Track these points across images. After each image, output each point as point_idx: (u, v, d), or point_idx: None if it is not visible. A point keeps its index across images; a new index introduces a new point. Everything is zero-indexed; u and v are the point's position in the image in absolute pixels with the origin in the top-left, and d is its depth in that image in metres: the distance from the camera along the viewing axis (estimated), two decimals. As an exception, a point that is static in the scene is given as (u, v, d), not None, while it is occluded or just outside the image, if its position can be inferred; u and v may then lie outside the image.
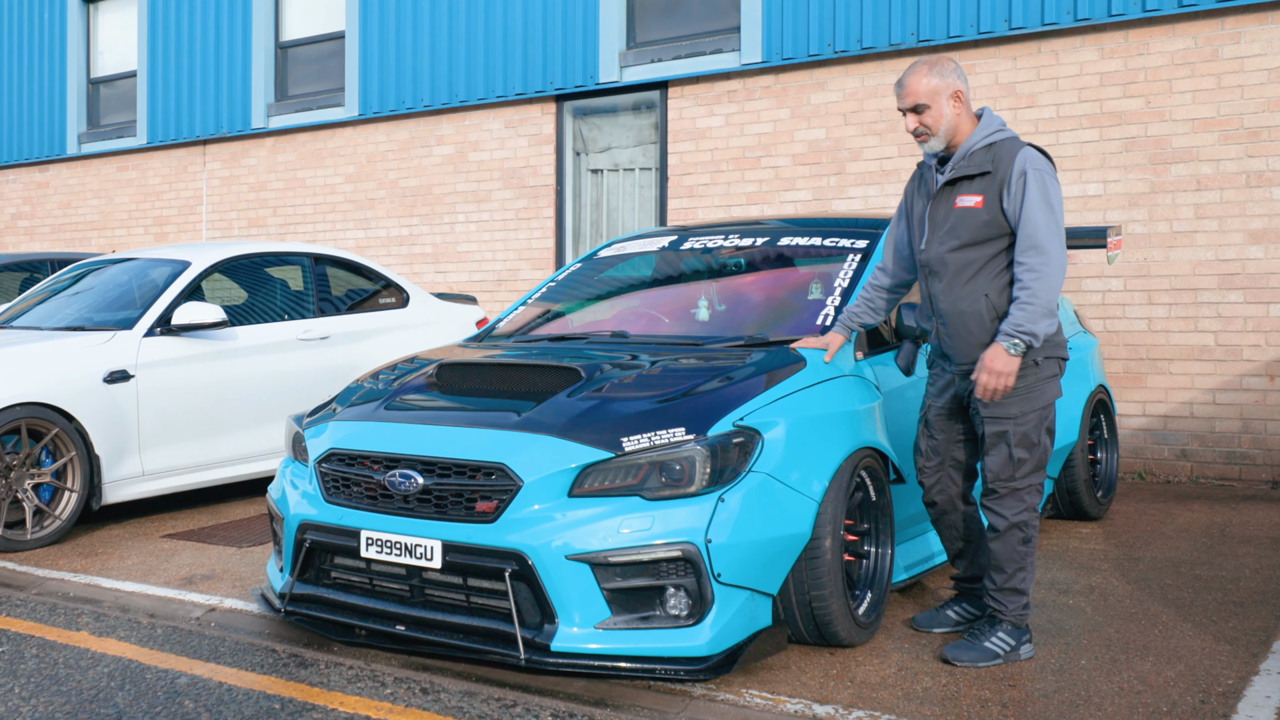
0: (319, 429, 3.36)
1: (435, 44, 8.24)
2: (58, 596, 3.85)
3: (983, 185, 2.97)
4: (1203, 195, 5.87)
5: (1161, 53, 5.95)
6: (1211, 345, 5.87)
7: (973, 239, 2.97)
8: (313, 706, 2.81)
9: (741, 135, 7.13)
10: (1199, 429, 5.89)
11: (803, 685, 2.88)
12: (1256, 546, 4.38)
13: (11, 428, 4.37)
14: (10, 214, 11.18)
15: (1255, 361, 5.78)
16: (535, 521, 2.84)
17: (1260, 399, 5.76)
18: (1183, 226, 5.92)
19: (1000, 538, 3.04)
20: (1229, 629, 3.34)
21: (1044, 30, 6.17)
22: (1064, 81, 6.19)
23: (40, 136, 10.75)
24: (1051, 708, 2.73)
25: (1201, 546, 4.40)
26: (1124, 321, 6.06)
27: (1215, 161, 5.84)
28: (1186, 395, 5.92)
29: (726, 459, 2.90)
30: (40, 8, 10.70)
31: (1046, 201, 2.89)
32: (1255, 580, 3.87)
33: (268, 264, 5.74)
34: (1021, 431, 2.98)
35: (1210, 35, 5.84)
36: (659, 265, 4.30)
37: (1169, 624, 3.38)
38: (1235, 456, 5.82)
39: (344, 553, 3.12)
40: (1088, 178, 6.13)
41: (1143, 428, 6.02)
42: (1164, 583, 3.85)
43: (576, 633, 2.81)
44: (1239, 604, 3.59)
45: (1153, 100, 5.98)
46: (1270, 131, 5.72)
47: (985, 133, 3.00)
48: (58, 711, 2.78)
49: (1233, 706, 2.72)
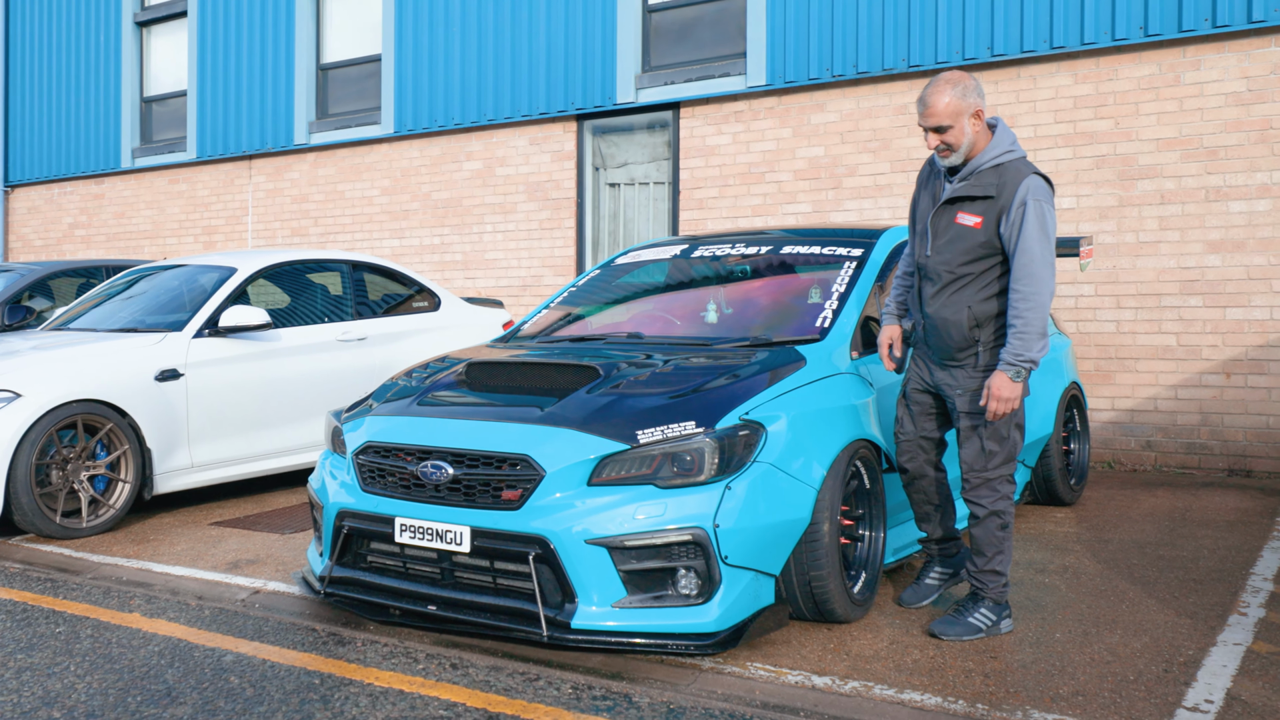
0: (356, 423, 3.33)
1: (465, 66, 8.20)
2: (111, 580, 3.81)
3: (984, 207, 2.89)
4: (1166, 209, 5.83)
5: (1129, 78, 5.91)
6: (1174, 346, 5.83)
7: (968, 256, 2.93)
8: (350, 681, 2.78)
9: (747, 152, 7.09)
10: (1162, 422, 5.85)
11: (802, 658, 2.87)
12: (1214, 529, 4.37)
13: (69, 423, 4.34)
14: (68, 223, 11.17)
15: (1213, 360, 5.74)
16: (557, 508, 2.81)
17: (1217, 395, 5.72)
18: (1148, 237, 5.88)
19: (980, 524, 3.02)
20: (1189, 604, 3.33)
21: (1023, 57, 6.12)
22: (1041, 104, 6.14)
23: (96, 151, 10.74)
24: (1029, 677, 2.71)
25: (1165, 529, 4.38)
26: (1095, 324, 6.02)
27: (1177, 178, 5.80)
28: (1151, 391, 5.89)
29: (733, 450, 2.87)
30: (96, 31, 10.68)
31: (1043, 231, 2.82)
32: (1213, 560, 3.87)
33: (309, 270, 5.71)
34: (993, 427, 2.97)
35: (1173, 62, 5.80)
36: (671, 272, 4.27)
37: (1135, 600, 3.37)
38: (1195, 447, 5.78)
39: (379, 538, 3.09)
40: (1062, 192, 6.08)
41: (1111, 421, 5.98)
42: (1131, 562, 3.84)
43: (595, 611, 2.78)
44: (1198, 581, 3.58)
45: (1121, 121, 5.93)
46: (1227, 150, 5.68)
47: (996, 152, 2.91)
48: (110, 688, 2.75)
49: (1193, 675, 2.72)
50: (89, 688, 2.74)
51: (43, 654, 3.01)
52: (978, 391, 2.99)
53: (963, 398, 3.02)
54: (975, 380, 3.00)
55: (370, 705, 2.61)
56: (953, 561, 3.29)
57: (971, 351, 2.98)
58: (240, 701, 2.64)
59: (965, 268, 2.94)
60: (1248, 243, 5.63)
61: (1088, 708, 2.52)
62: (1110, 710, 2.51)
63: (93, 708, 2.61)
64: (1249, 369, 5.64)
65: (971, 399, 3.00)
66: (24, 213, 11.62)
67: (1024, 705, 2.54)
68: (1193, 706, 2.52)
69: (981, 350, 2.97)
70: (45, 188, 11.40)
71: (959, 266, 2.95)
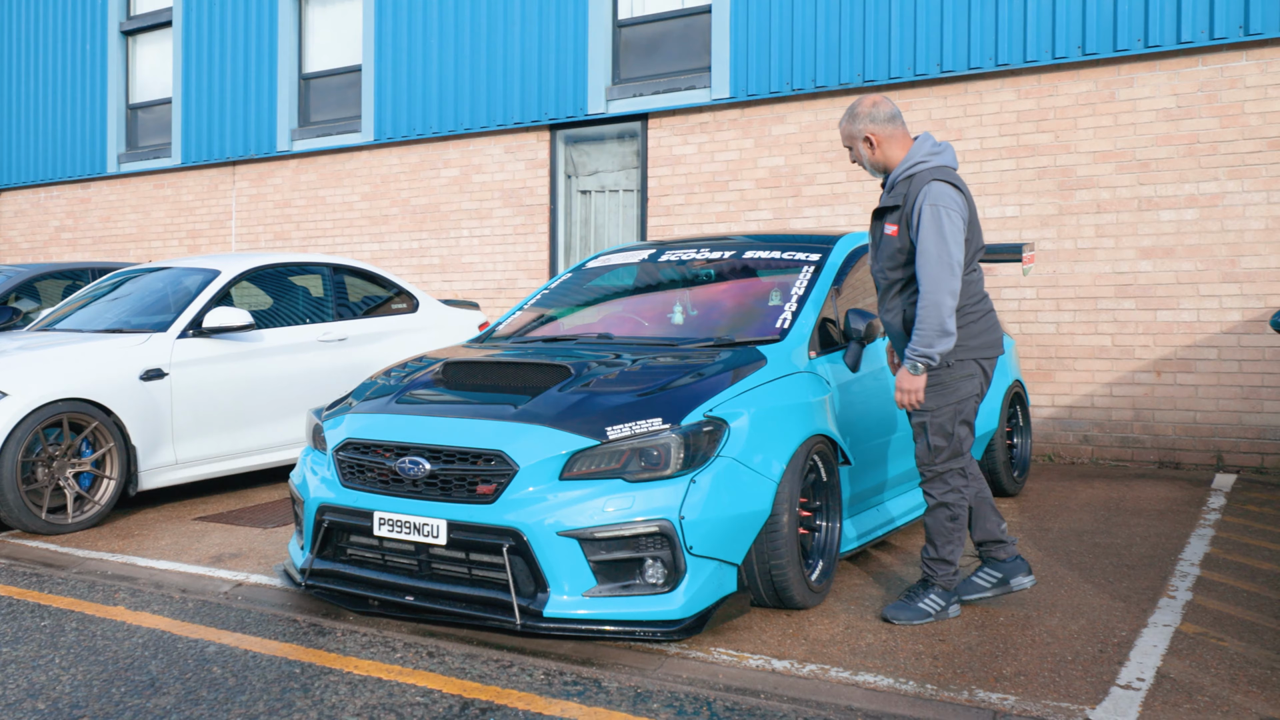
0: (336, 421, 3.29)
1: (443, 78, 8.13)
2: (96, 575, 3.72)
3: (898, 216, 2.99)
4: (1102, 217, 5.93)
5: (1068, 94, 6.00)
6: (1109, 346, 5.93)
7: (893, 263, 3.01)
8: (330, 670, 2.74)
9: (712, 162, 7.10)
10: (1098, 417, 5.95)
11: (763, 643, 2.87)
12: (1146, 517, 4.44)
13: (54, 421, 4.24)
14: (54, 226, 10.89)
15: (1145, 360, 5.85)
16: (530, 502, 2.80)
17: (1149, 391, 5.83)
18: (1085, 244, 5.98)
19: (931, 514, 3.06)
20: (1123, 588, 3.37)
21: (970, 73, 6.19)
22: (986, 118, 6.22)
23: (82, 157, 10.48)
24: (975, 659, 2.74)
25: (1100, 518, 4.44)
26: (1036, 325, 6.11)
27: (1112, 188, 5.90)
28: (1088, 389, 5.99)
29: (698, 445, 2.87)
30: (83, 40, 10.43)
31: (939, 233, 2.83)
32: (1145, 546, 3.92)
33: (291, 273, 5.62)
34: (938, 423, 3.00)
35: (1109, 80, 5.90)
36: (639, 275, 4.26)
37: (1073, 585, 3.41)
38: (1128, 441, 5.89)
39: (359, 532, 3.06)
40: (1006, 201, 6.16)
41: (1051, 417, 6.07)
42: (1069, 549, 3.89)
43: (566, 600, 2.77)
44: (1131, 567, 3.63)
45: (1060, 135, 6.03)
46: (1158, 163, 5.79)
47: (908, 164, 2.98)
48: (95, 679, 2.69)
49: (1125, 654, 2.76)
50: (73, 679, 2.68)
51: (28, 647, 2.93)
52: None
53: None
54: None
55: (349, 693, 2.57)
56: (1003, 565, 3.13)
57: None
58: (222, 691, 2.59)
59: (895, 274, 3.02)
60: (1177, 249, 5.75)
61: (1029, 686, 2.55)
62: (1049, 689, 2.54)
63: (77, 699, 2.54)
64: (1178, 368, 5.76)
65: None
66: (10, 216, 11.31)
67: (970, 685, 2.57)
68: (1125, 684, 2.56)
69: None
70: (32, 191, 11.10)
71: (890, 273, 3.04)
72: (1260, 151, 5.54)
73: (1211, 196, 5.65)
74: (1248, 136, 5.57)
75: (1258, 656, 2.73)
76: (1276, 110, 5.51)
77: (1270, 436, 5.54)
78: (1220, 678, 2.59)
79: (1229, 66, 5.60)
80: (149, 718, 2.43)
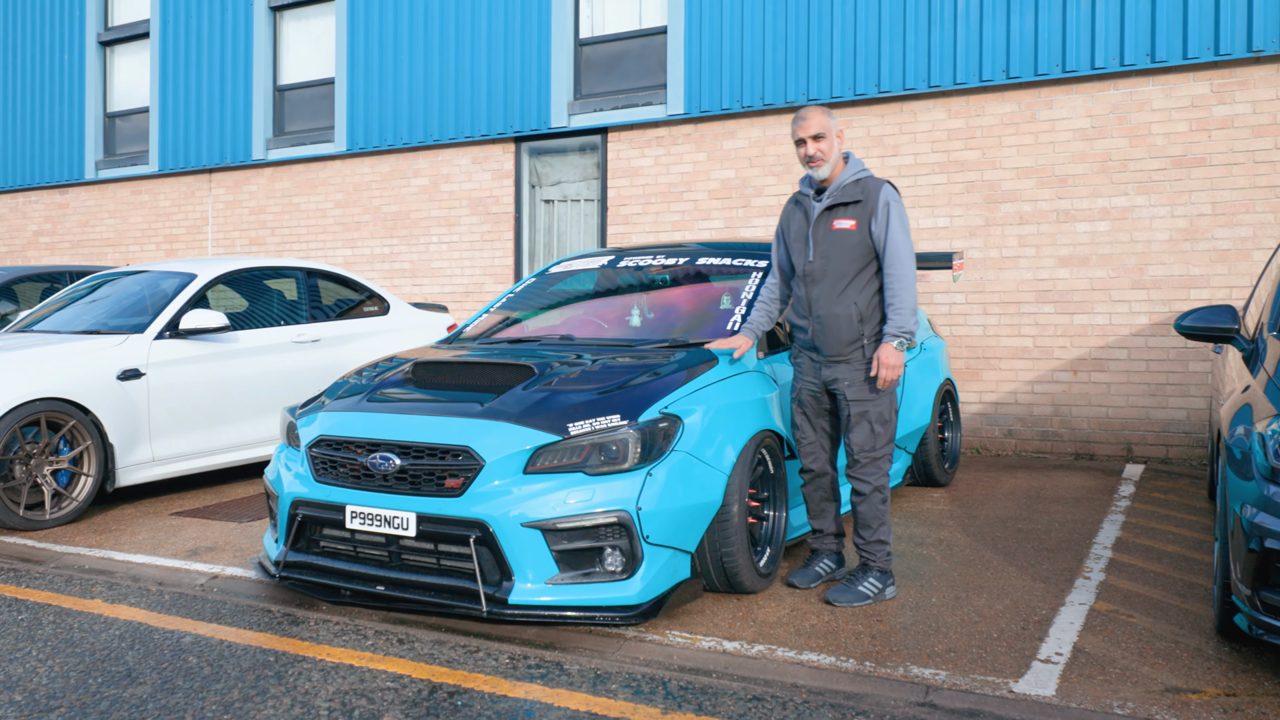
0: (310, 419, 3.22)
1: (413, 91, 8.01)
2: (74, 569, 3.59)
3: (855, 212, 3.04)
4: (1024, 228, 6.06)
5: (994, 114, 6.12)
6: (1030, 347, 6.06)
7: (846, 256, 3.04)
8: (303, 658, 2.68)
9: (667, 174, 7.11)
10: (1021, 413, 6.08)
11: (715, 626, 2.88)
12: (1064, 505, 4.53)
13: (31, 420, 4.08)
14: (33, 230, 10.47)
15: (1062, 360, 5.98)
16: (495, 495, 2.77)
17: (1066, 389, 5.97)
18: (1009, 253, 6.10)
19: (866, 500, 3.09)
20: (1043, 570, 3.43)
21: (905, 94, 6.29)
22: (920, 135, 6.31)
23: (61, 163, 10.10)
24: (909, 637, 2.78)
25: (1023, 506, 4.52)
26: (965, 328, 6.22)
27: (1034, 202, 6.03)
28: (1012, 387, 6.11)
29: (654, 440, 2.87)
30: (60, 50, 10.04)
31: (903, 226, 3.03)
32: (1063, 531, 4.00)
33: (266, 276, 5.48)
34: (878, 410, 3.06)
35: (1030, 101, 6.03)
36: (599, 280, 4.24)
37: (999, 568, 3.47)
38: (1048, 435, 6.02)
39: (331, 525, 3.00)
40: (938, 213, 6.27)
41: (979, 412, 6.19)
42: (995, 535, 3.95)
43: (530, 588, 2.75)
44: (1050, 550, 3.69)
45: (987, 152, 6.15)
46: (1074, 179, 5.93)
47: (854, 171, 3.11)
48: (72, 670, 2.60)
49: (1045, 631, 2.81)
50: (50, 671, 2.58)
51: (4, 640, 2.81)
52: (865, 381, 3.06)
53: (852, 388, 3.08)
54: (861, 372, 3.08)
55: (322, 679, 2.52)
56: (840, 557, 3.31)
57: (857, 345, 3.06)
58: (198, 680, 2.52)
59: (849, 268, 3.05)
60: (1091, 258, 5.90)
61: (958, 662, 2.60)
62: (977, 664, 2.59)
63: (54, 690, 2.45)
64: (1092, 367, 5.91)
65: (859, 388, 3.07)
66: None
67: (905, 662, 2.61)
68: (1045, 658, 2.61)
69: (866, 344, 3.07)
70: (10, 197, 10.66)
71: (844, 266, 3.06)
72: (1165, 169, 5.71)
73: (1122, 210, 5.81)
74: (1154, 155, 5.73)
75: (1163, 631, 2.80)
76: (1179, 132, 5.68)
77: (1174, 430, 5.72)
78: (1130, 651, 2.65)
79: (1137, 91, 5.76)
80: (126, 707, 2.35)
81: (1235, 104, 5.52)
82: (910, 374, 4.53)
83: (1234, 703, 2.33)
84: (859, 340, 3.05)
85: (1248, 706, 2.31)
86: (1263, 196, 5.49)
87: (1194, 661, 2.57)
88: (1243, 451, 2.48)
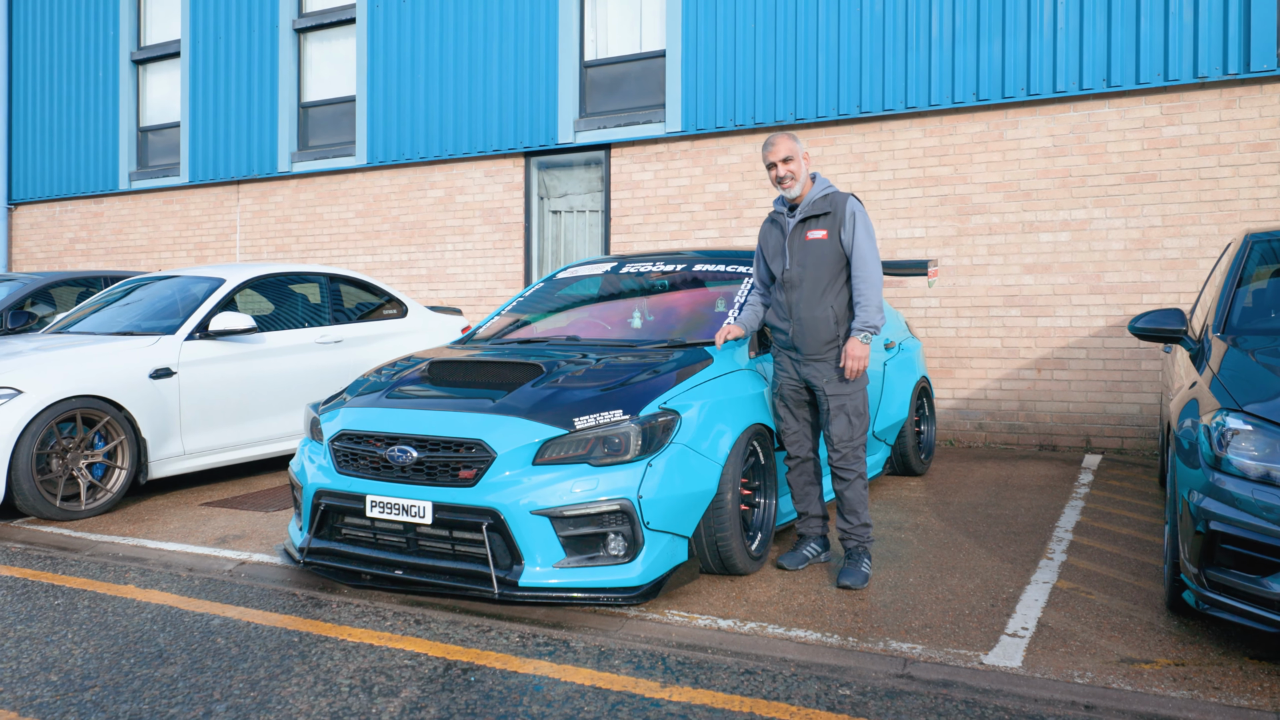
0: (332, 414, 3.19)
1: (429, 108, 7.97)
2: (108, 556, 3.54)
3: (825, 223, 3.08)
4: (993, 238, 6.08)
5: (965, 133, 6.13)
6: (999, 347, 6.07)
7: (821, 264, 3.07)
8: (326, 638, 2.66)
9: (666, 187, 7.10)
10: (990, 408, 6.10)
11: (710, 605, 2.87)
12: (1029, 492, 4.54)
13: (68, 416, 4.04)
14: (69, 238, 10.39)
15: (1028, 359, 6.01)
16: (506, 485, 2.75)
17: (1031, 386, 5.99)
18: (979, 261, 6.12)
19: (850, 485, 3.10)
20: (1010, 552, 3.44)
21: (884, 114, 6.29)
22: (898, 152, 6.32)
23: (96, 174, 10.02)
24: (890, 614, 2.78)
25: (992, 493, 4.53)
26: (939, 330, 6.23)
27: (1001, 214, 6.05)
28: (981, 384, 6.13)
29: (654, 434, 2.86)
30: (96, 67, 9.96)
31: (869, 234, 3.07)
32: (1028, 516, 4.01)
33: (291, 281, 5.44)
34: (854, 404, 3.08)
35: (998, 122, 6.04)
36: (603, 285, 4.22)
37: (970, 550, 3.47)
38: (1014, 428, 6.04)
39: (352, 513, 2.97)
40: (914, 224, 6.28)
41: (952, 407, 6.20)
42: (967, 520, 3.95)
43: (539, 571, 2.73)
44: (1017, 534, 3.71)
45: (959, 168, 6.16)
46: (1038, 193, 5.95)
47: (822, 188, 3.16)
48: (105, 652, 2.56)
49: (1012, 607, 2.83)
50: (85, 653, 2.54)
51: (41, 624, 2.77)
52: (842, 377, 3.08)
53: (830, 383, 3.10)
54: (838, 370, 3.10)
55: (344, 658, 2.50)
56: (825, 541, 3.31)
57: (834, 344, 3.08)
58: (226, 659, 2.49)
59: (821, 272, 3.08)
60: (1053, 266, 5.92)
61: (933, 637, 2.60)
62: (950, 638, 2.59)
63: (89, 670, 2.42)
64: (1054, 366, 5.93)
65: (836, 384, 3.09)
66: (27, 228, 10.75)
67: (885, 637, 2.60)
68: (1012, 632, 2.62)
69: (841, 343, 3.09)
70: (47, 206, 10.57)
71: (821, 275, 3.08)
72: (1120, 184, 5.74)
73: (1081, 222, 5.83)
74: (1110, 172, 5.76)
75: (1119, 607, 2.81)
76: (1133, 150, 5.70)
77: (1128, 423, 5.74)
78: (1089, 625, 2.66)
79: (1095, 113, 5.78)
80: (157, 686, 2.32)
81: (1183, 125, 5.55)
82: (889, 372, 4.53)
83: (1182, 671, 2.35)
84: (835, 340, 3.08)
85: (1195, 675, 2.33)
86: (1207, 210, 5.52)
87: (1147, 634, 2.59)
88: (1190, 442, 2.50)
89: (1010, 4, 5.89)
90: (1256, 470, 2.27)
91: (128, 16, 9.81)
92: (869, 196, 6.32)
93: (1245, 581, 2.26)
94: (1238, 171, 5.45)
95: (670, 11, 6.94)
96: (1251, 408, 2.37)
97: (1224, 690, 2.24)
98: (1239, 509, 2.26)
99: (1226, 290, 3.23)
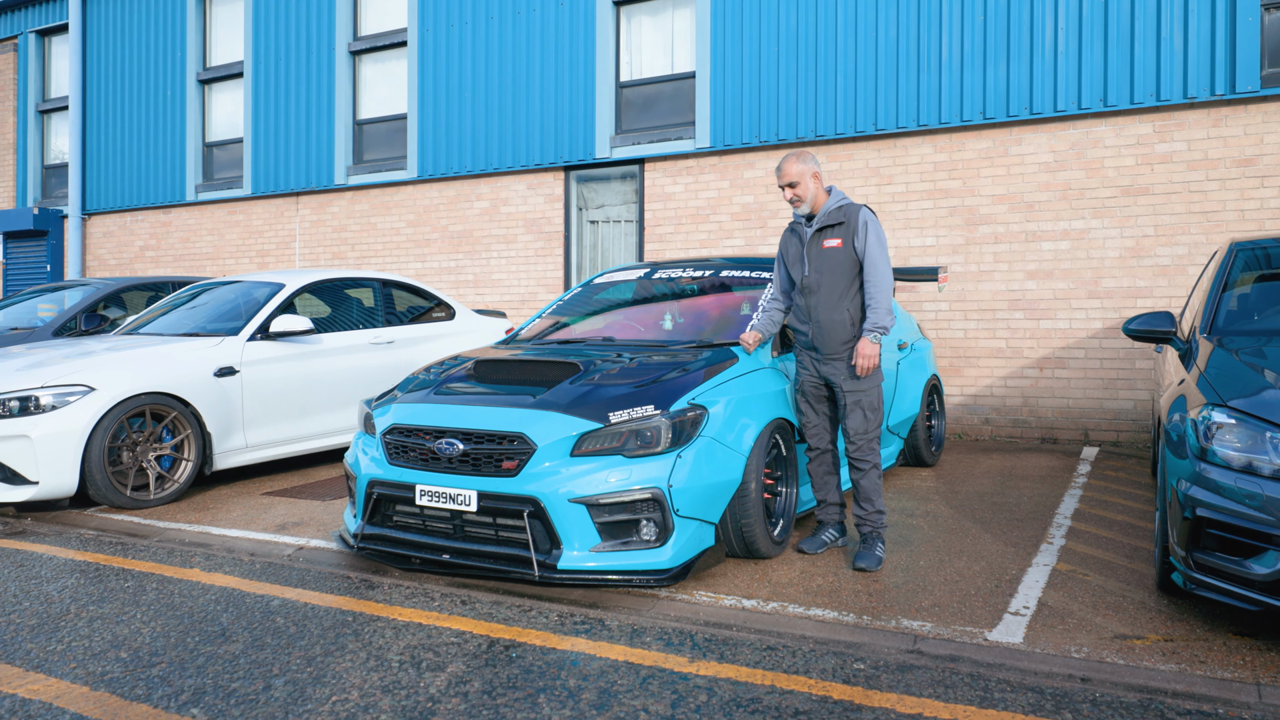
0: (384, 409, 3.22)
1: (475, 126, 8.03)
2: (175, 542, 3.58)
3: (840, 232, 3.08)
4: (999, 247, 6.00)
5: (973, 149, 6.05)
6: (1004, 348, 6.00)
7: (837, 270, 3.07)
8: (378, 618, 2.68)
9: (696, 199, 7.09)
10: (996, 404, 6.02)
11: (735, 586, 2.86)
12: (1031, 481, 4.51)
13: (137, 411, 4.09)
14: (139, 246, 10.61)
15: (1030, 359, 5.93)
16: (546, 475, 2.76)
17: (1034, 383, 5.91)
18: (986, 267, 6.04)
19: (865, 475, 3.09)
20: (1014, 537, 3.42)
21: (898, 131, 6.23)
22: (911, 167, 6.26)
23: (164, 186, 10.22)
24: (901, 594, 2.77)
25: (997, 482, 4.50)
26: (949, 331, 6.16)
27: (1006, 224, 5.97)
28: (988, 381, 6.05)
29: (683, 427, 2.85)
30: (164, 86, 10.17)
31: (879, 241, 3.06)
32: (1031, 504, 3.98)
33: (346, 286, 5.50)
34: (869, 400, 3.08)
35: (1003, 138, 5.96)
36: (637, 289, 4.22)
37: (976, 535, 3.45)
38: (1019, 422, 5.96)
39: (403, 502, 3.00)
40: (925, 233, 6.21)
41: (960, 404, 6.13)
42: (974, 507, 3.93)
43: (576, 555, 2.74)
44: (1020, 520, 3.68)
45: (967, 181, 6.08)
46: (1040, 205, 5.86)
47: (837, 200, 3.14)
48: (172, 630, 2.58)
49: (1015, 588, 2.81)
50: (153, 631, 2.57)
51: (112, 605, 2.81)
52: (857, 374, 3.07)
53: (846, 380, 3.10)
54: (854, 368, 3.09)
55: (394, 636, 2.52)
56: (842, 527, 3.30)
57: (850, 344, 3.08)
58: (285, 637, 2.52)
59: (838, 278, 3.08)
60: (1054, 272, 5.83)
61: (942, 615, 2.58)
62: (957, 617, 2.57)
63: (156, 647, 2.44)
64: (1055, 365, 5.84)
65: (853, 380, 3.08)
66: (100, 236, 11.01)
67: (897, 615, 2.59)
68: (1015, 611, 2.60)
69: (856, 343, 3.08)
70: (119, 216, 10.81)
71: (837, 282, 3.08)
72: (1116, 197, 5.65)
73: (1080, 231, 5.73)
74: (1106, 185, 5.67)
75: (1113, 588, 2.79)
76: (1128, 165, 5.61)
77: (1124, 418, 5.65)
78: (1085, 604, 2.64)
79: (1092, 130, 5.69)
80: (220, 662, 2.34)
81: (1174, 142, 5.47)
82: (902, 371, 4.50)
83: (1171, 646, 2.34)
84: (851, 340, 3.08)
85: (1183, 649, 2.33)
86: (1196, 221, 5.44)
87: (1139, 613, 2.57)
88: (1179, 435, 2.50)
89: (1014, 29, 5.82)
90: (1239, 460, 2.27)
91: (194, 39, 10.00)
92: (884, 208, 6.26)
93: (1229, 563, 2.28)
94: (1224, 185, 5.36)
95: (700, 36, 6.93)
96: (1235, 403, 2.38)
97: (1209, 664, 2.24)
98: (1223, 496, 2.27)
99: (1213, 294, 3.23)
